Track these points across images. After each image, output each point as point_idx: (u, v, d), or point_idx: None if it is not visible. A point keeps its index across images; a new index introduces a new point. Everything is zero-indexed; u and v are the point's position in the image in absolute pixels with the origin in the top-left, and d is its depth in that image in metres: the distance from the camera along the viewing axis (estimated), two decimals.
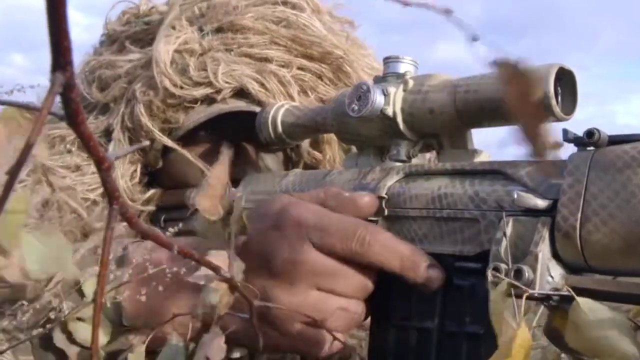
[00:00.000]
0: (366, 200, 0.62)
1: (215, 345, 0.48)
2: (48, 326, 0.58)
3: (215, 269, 0.40)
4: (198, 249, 0.41)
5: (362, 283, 0.59)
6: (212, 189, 0.47)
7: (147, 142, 0.88)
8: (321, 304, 0.58)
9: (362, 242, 0.57)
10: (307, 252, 0.58)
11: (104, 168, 0.22)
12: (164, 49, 0.87)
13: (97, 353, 0.29)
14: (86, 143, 0.23)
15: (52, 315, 0.59)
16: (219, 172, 0.50)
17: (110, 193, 0.22)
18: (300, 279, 0.57)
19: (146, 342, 0.54)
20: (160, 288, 0.59)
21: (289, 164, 0.94)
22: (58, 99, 0.24)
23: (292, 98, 0.88)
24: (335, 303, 0.59)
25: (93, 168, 0.88)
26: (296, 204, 0.61)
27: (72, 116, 0.23)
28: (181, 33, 0.89)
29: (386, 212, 0.62)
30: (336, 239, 0.58)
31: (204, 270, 0.44)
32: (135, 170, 0.90)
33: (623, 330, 0.43)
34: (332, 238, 0.58)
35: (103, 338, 0.60)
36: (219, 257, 0.45)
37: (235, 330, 0.52)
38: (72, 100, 0.24)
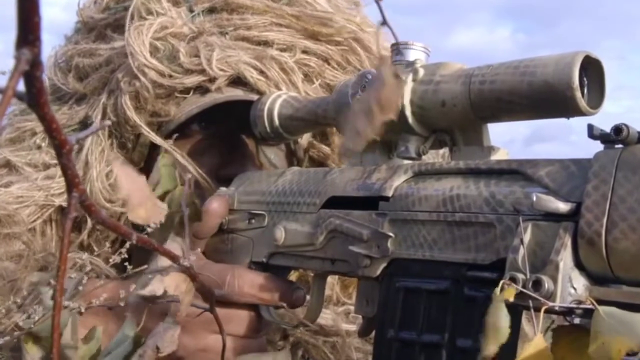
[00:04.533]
0: (214, 206, 0.77)
1: (168, 336, 0.49)
2: (16, 334, 0.59)
3: (174, 258, 0.42)
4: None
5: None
6: (135, 198, 0.48)
7: (108, 122, 0.87)
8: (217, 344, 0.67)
9: (232, 286, 0.70)
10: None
11: (64, 152, 0.22)
12: (137, 42, 0.86)
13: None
14: (48, 125, 0.22)
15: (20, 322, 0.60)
16: (128, 178, 0.50)
17: (70, 180, 0.22)
18: (198, 326, 0.68)
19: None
20: None
21: (292, 158, 0.93)
22: None
23: (295, 86, 0.87)
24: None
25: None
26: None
27: (35, 96, 0.23)
28: (155, 18, 0.88)
29: None
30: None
31: (162, 260, 0.45)
32: (112, 171, 0.89)
33: None
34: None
35: None
36: (174, 245, 0.47)
37: None
38: (36, 79, 0.24)
